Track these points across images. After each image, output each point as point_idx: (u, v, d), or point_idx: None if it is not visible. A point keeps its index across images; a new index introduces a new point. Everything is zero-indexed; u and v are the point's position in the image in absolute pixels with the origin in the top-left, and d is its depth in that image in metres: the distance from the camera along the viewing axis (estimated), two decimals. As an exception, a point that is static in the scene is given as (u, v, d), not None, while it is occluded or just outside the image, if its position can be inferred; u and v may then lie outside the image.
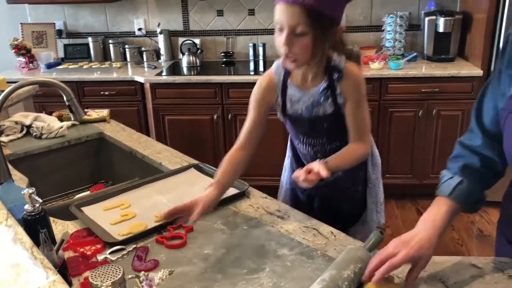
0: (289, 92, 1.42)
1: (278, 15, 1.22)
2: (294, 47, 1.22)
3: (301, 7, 1.17)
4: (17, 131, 2.15)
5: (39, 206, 1.14)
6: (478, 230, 3.07)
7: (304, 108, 1.42)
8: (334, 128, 1.44)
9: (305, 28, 1.19)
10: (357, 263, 1.07)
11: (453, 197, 1.11)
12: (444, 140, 3.24)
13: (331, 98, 1.38)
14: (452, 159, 1.20)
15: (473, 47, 3.27)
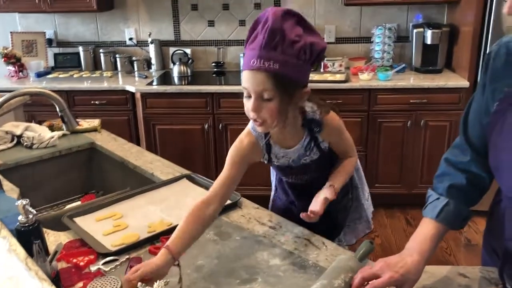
0: (274, 150, 1.41)
1: (244, 82, 1.20)
2: (262, 112, 1.20)
3: (266, 73, 1.15)
4: (7, 141, 2.14)
5: (33, 217, 1.15)
6: (466, 240, 3.11)
7: (291, 161, 1.44)
8: (322, 164, 1.47)
9: (271, 93, 1.17)
10: (347, 273, 1.09)
11: (440, 219, 1.12)
12: (432, 150, 3.28)
13: (316, 148, 1.41)
14: (438, 177, 1.20)
15: (460, 59, 3.34)
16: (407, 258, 1.06)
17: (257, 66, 1.15)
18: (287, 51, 1.15)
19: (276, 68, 1.15)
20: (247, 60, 1.18)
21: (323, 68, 3.54)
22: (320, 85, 3.19)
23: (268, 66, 1.15)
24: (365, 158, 3.34)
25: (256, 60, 1.15)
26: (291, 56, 1.16)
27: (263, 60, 1.15)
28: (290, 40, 1.15)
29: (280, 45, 1.15)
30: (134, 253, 1.30)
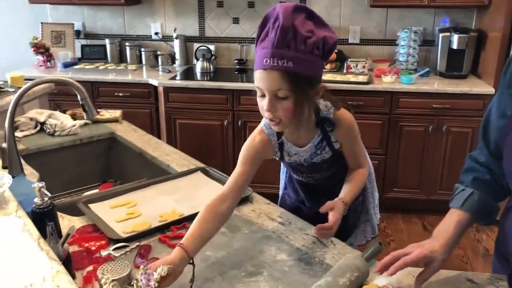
0: (286, 147, 1.41)
1: (258, 81, 1.18)
2: (277, 111, 1.19)
3: (280, 72, 1.13)
4: (31, 127, 2.20)
5: (48, 200, 1.18)
6: (484, 249, 3.05)
7: (302, 160, 1.43)
8: (333, 164, 1.46)
9: (286, 92, 1.16)
10: (353, 272, 1.09)
11: (465, 208, 1.16)
12: (453, 156, 3.23)
13: (328, 147, 1.39)
14: (464, 172, 1.24)
15: (486, 65, 3.27)
16: (434, 241, 1.12)
17: (270, 65, 1.13)
18: (300, 48, 1.14)
19: (290, 66, 1.13)
20: (260, 59, 1.16)
21: (346, 69, 3.52)
22: (342, 86, 3.17)
23: (282, 65, 1.13)
24: (384, 162, 3.31)
25: (269, 59, 1.13)
26: (304, 52, 1.14)
27: (277, 58, 1.13)
28: (302, 37, 1.14)
29: (293, 42, 1.13)
30: (144, 240, 1.32)
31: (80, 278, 1.15)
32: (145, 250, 1.27)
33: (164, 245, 1.30)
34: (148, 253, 1.26)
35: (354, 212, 1.67)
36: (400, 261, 1.06)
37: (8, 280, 0.89)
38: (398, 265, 1.06)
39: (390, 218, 3.37)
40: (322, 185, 1.53)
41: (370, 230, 1.71)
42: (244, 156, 1.36)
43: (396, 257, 1.07)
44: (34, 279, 0.89)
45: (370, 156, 1.64)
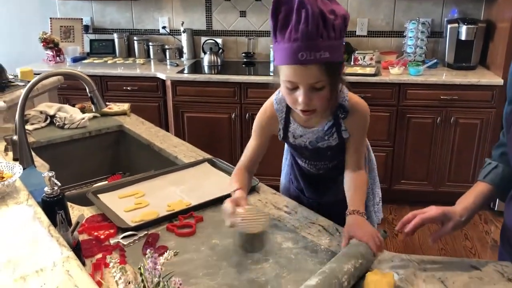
0: (292, 127, 1.38)
1: (291, 76, 1.14)
2: (313, 102, 1.17)
3: (318, 65, 1.10)
4: (41, 121, 2.23)
5: (57, 189, 1.21)
6: (492, 241, 3.04)
7: (307, 143, 1.39)
8: (338, 154, 1.42)
9: (323, 83, 1.14)
10: (358, 259, 1.10)
11: (487, 180, 1.21)
12: (462, 148, 3.22)
13: (336, 134, 1.36)
14: (495, 147, 1.28)
15: (495, 56, 3.25)
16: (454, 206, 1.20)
17: (308, 59, 1.09)
18: (331, 35, 1.10)
19: (326, 56, 1.10)
20: (291, 53, 1.10)
21: (353, 61, 3.52)
22: (349, 78, 3.16)
23: (320, 57, 1.09)
24: (392, 154, 3.31)
25: (304, 53, 1.08)
26: (335, 39, 1.11)
27: (313, 51, 1.08)
28: (330, 22, 1.09)
29: (325, 31, 1.09)
30: (152, 229, 1.34)
31: (90, 265, 1.17)
32: (153, 238, 1.29)
33: (172, 234, 1.32)
34: (156, 241, 1.28)
35: None
36: (417, 218, 1.12)
37: (20, 265, 0.91)
38: (416, 222, 1.12)
39: (398, 210, 3.37)
40: (323, 176, 1.53)
41: None
42: (255, 129, 1.42)
43: (415, 215, 1.13)
44: (44, 264, 0.91)
45: (378, 148, 1.64)
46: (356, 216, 1.25)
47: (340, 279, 1.03)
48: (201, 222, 1.38)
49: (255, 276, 1.12)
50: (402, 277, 1.11)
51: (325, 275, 1.03)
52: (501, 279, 1.10)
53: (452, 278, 1.11)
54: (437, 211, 1.14)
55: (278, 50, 1.14)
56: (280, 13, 1.11)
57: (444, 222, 1.15)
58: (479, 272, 1.13)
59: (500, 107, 3.08)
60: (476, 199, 1.19)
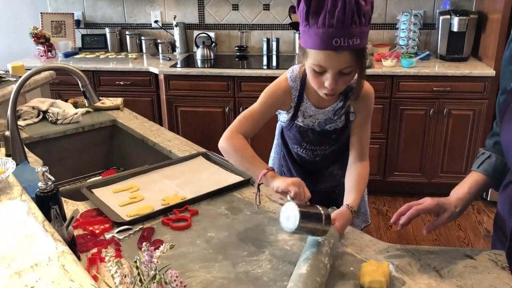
0: (303, 106, 1.39)
1: (322, 60, 1.15)
2: (338, 85, 1.19)
3: (350, 51, 1.12)
4: (33, 116, 2.22)
5: (51, 184, 1.20)
6: (485, 230, 3.07)
7: (316, 124, 1.41)
8: (340, 138, 1.45)
9: (352, 68, 1.16)
10: (330, 239, 1.13)
11: (481, 170, 1.22)
12: (455, 139, 3.24)
13: (344, 116, 1.38)
14: (489, 136, 1.29)
15: (487, 47, 3.26)
16: (449, 197, 1.21)
17: (342, 45, 1.10)
18: (363, 22, 1.12)
19: (358, 43, 1.12)
20: (325, 38, 1.11)
21: (346, 54, 3.51)
22: (342, 70, 3.17)
23: (353, 44, 1.11)
24: (385, 145, 3.32)
25: (339, 39, 1.10)
26: (365, 25, 1.13)
27: (347, 38, 1.10)
28: (363, 9, 1.10)
29: (357, 18, 1.10)
30: (147, 223, 1.34)
31: (85, 260, 1.17)
32: (148, 232, 1.29)
33: (167, 227, 1.32)
34: (151, 235, 1.28)
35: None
36: (413, 210, 1.13)
37: (14, 260, 0.91)
38: (411, 213, 1.13)
39: (391, 202, 3.39)
40: (319, 164, 1.54)
41: (356, 223, 1.69)
42: (265, 98, 1.38)
43: (410, 206, 1.15)
44: (39, 259, 0.91)
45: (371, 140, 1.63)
46: (347, 212, 1.28)
47: (324, 262, 1.06)
48: (196, 215, 1.38)
49: (251, 268, 1.13)
50: (397, 267, 1.12)
51: (311, 261, 1.04)
52: (495, 267, 1.12)
53: (447, 268, 1.12)
54: (432, 203, 1.14)
55: (310, 34, 1.14)
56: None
57: (439, 213, 1.16)
58: (473, 261, 1.14)
59: (492, 98, 3.09)
60: (470, 189, 1.21)
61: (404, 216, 1.15)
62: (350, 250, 1.21)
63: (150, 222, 1.35)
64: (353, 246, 1.23)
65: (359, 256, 1.18)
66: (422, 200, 1.19)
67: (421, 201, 1.18)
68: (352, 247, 1.22)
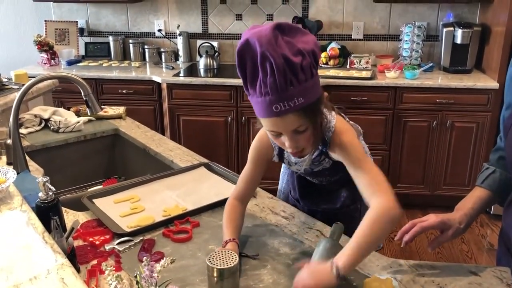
0: (286, 155, 1.36)
1: (272, 126, 1.12)
2: (299, 143, 1.15)
3: (295, 112, 1.06)
4: (35, 124, 2.21)
5: (52, 194, 1.19)
6: (488, 244, 3.05)
7: (302, 169, 1.38)
8: (337, 171, 1.36)
9: (305, 126, 1.11)
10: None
11: (485, 185, 1.22)
12: (458, 151, 3.23)
13: (327, 159, 1.33)
14: (493, 151, 1.29)
15: (490, 60, 3.26)
16: (453, 212, 1.20)
17: (283, 110, 1.05)
18: (301, 78, 1.04)
19: (301, 102, 1.06)
20: (266, 106, 1.06)
21: (349, 64, 3.52)
22: (345, 81, 3.17)
23: (294, 105, 1.05)
24: (388, 157, 3.31)
25: (278, 105, 1.05)
26: (306, 80, 1.06)
27: (286, 101, 1.04)
28: (298, 66, 1.03)
29: (294, 78, 1.04)
30: (148, 235, 1.33)
31: (85, 271, 1.15)
32: (148, 244, 1.28)
33: (168, 239, 1.31)
34: (151, 247, 1.27)
35: (350, 219, 1.50)
36: (417, 227, 1.12)
37: (13, 273, 0.90)
38: (415, 230, 1.12)
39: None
40: (324, 188, 1.52)
41: None
42: (251, 157, 1.35)
43: (414, 223, 1.14)
44: (38, 272, 0.90)
45: (374, 152, 1.60)
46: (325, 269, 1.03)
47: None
48: (197, 227, 1.37)
49: (253, 283, 1.11)
50: (400, 283, 1.10)
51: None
52: (499, 284, 1.10)
53: (451, 284, 1.10)
54: (436, 220, 1.13)
55: (253, 103, 1.11)
56: (246, 66, 1.06)
57: (444, 229, 1.14)
58: (478, 278, 1.13)
59: (495, 110, 3.08)
60: (475, 205, 1.19)
61: (408, 233, 1.13)
62: (353, 265, 1.19)
63: (151, 234, 1.34)
64: (356, 260, 1.21)
65: (362, 271, 1.16)
66: (426, 217, 1.18)
67: (425, 218, 1.17)
68: (355, 262, 1.20)
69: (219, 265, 1.01)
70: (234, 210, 1.30)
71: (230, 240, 1.19)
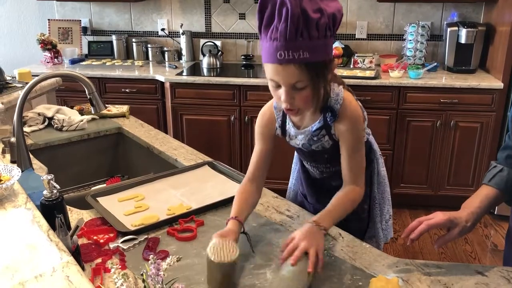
0: (287, 127, 1.37)
1: (272, 75, 1.13)
2: (295, 101, 1.16)
3: (297, 65, 1.08)
4: (39, 123, 2.21)
5: (57, 192, 1.19)
6: (492, 244, 3.03)
7: (301, 144, 1.37)
8: (335, 156, 1.36)
9: (304, 83, 1.12)
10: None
11: (492, 183, 1.21)
12: (461, 151, 3.21)
13: (328, 136, 1.32)
14: (501, 149, 1.28)
15: (495, 60, 3.25)
16: (459, 211, 1.19)
17: (286, 59, 1.08)
18: (313, 34, 1.08)
19: (306, 57, 1.08)
20: (272, 52, 1.09)
21: (353, 64, 3.51)
22: (349, 81, 3.15)
23: (298, 57, 1.07)
24: (392, 157, 3.30)
25: (283, 52, 1.07)
26: (318, 38, 1.08)
27: (291, 51, 1.07)
28: (314, 22, 1.07)
29: (306, 30, 1.07)
30: (152, 233, 1.33)
31: (89, 270, 1.15)
32: (153, 242, 1.27)
33: (173, 238, 1.30)
34: (156, 246, 1.26)
35: (358, 218, 1.55)
36: (423, 225, 1.11)
37: (18, 271, 0.89)
38: (422, 228, 1.11)
39: (397, 214, 3.36)
40: (327, 181, 1.51)
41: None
42: (257, 134, 1.38)
43: (421, 221, 1.13)
44: (44, 269, 0.89)
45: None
46: (312, 226, 1.16)
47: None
48: (202, 226, 1.37)
49: (258, 282, 1.10)
50: (407, 283, 1.10)
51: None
52: (507, 284, 1.09)
53: (458, 284, 1.09)
54: (443, 218, 1.12)
55: (262, 47, 1.14)
56: (266, 10, 1.10)
57: (450, 228, 1.13)
58: (485, 278, 1.12)
59: (500, 111, 3.07)
60: (482, 203, 1.19)
61: (414, 231, 1.12)
62: (359, 265, 1.18)
63: (155, 232, 1.33)
64: (362, 260, 1.20)
65: (367, 271, 1.16)
66: (432, 215, 1.17)
67: (431, 216, 1.16)
68: (361, 261, 1.20)
69: (218, 257, 1.02)
70: (244, 190, 1.33)
71: (232, 217, 1.21)
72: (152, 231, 1.34)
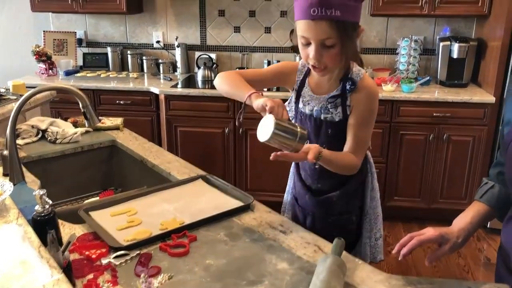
0: (304, 91, 1.44)
1: (303, 31, 1.22)
2: (323, 59, 1.24)
3: (329, 22, 1.17)
4: (32, 135, 2.21)
5: (49, 207, 1.18)
6: (485, 258, 3.04)
7: (313, 111, 1.42)
8: (337, 136, 1.42)
9: (334, 40, 1.20)
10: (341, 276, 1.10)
11: (483, 200, 1.22)
12: (454, 165, 3.23)
13: (341, 108, 1.37)
14: (493, 166, 1.29)
15: (486, 74, 3.28)
16: (451, 227, 1.20)
17: (319, 15, 1.16)
18: None
19: (338, 15, 1.15)
20: (305, 8, 1.17)
21: (346, 77, 3.53)
22: (342, 94, 3.18)
23: (331, 14, 1.15)
24: (385, 170, 3.31)
25: (316, 8, 1.15)
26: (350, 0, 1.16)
27: (325, 8, 1.15)
28: None
29: None
30: (145, 249, 1.32)
31: (81, 286, 1.14)
32: (145, 258, 1.27)
33: (165, 254, 1.29)
34: (148, 262, 1.26)
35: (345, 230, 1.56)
36: (414, 240, 1.13)
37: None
38: (413, 243, 1.12)
39: (391, 227, 3.36)
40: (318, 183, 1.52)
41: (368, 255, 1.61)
42: (277, 66, 1.47)
43: (412, 237, 1.14)
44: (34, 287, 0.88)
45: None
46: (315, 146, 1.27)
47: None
48: (194, 241, 1.36)
49: (250, 298, 1.10)
50: (399, 300, 1.10)
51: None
52: (498, 302, 1.09)
53: (450, 301, 1.09)
54: (434, 233, 1.13)
55: (296, 5, 1.21)
56: None
57: (441, 243, 1.14)
58: (477, 295, 1.12)
59: (491, 124, 3.10)
60: (473, 220, 1.19)
61: (405, 246, 1.13)
62: (351, 281, 1.18)
63: (148, 248, 1.33)
64: (354, 277, 1.20)
65: (359, 287, 1.15)
66: (424, 230, 1.17)
67: (423, 231, 1.17)
68: (352, 278, 1.20)
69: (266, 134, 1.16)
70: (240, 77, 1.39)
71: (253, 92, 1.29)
72: (145, 247, 1.33)
